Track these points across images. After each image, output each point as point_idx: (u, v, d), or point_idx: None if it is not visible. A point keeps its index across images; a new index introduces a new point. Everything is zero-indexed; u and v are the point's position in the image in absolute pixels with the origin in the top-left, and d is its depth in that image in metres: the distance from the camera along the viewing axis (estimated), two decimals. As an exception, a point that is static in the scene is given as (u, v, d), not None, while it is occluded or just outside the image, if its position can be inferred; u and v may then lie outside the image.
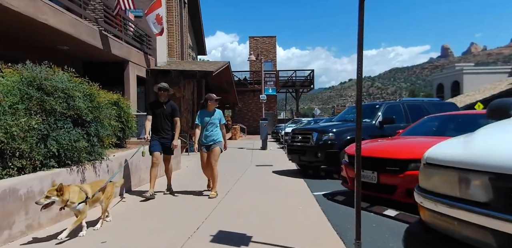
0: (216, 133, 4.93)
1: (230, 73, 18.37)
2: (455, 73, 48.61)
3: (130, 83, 10.14)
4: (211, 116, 4.92)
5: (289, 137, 7.30)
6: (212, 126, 4.91)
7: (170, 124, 5.07)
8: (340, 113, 8.41)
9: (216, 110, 5.04)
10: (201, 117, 4.94)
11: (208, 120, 4.88)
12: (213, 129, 4.91)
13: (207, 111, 4.96)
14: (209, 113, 4.96)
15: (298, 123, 19.13)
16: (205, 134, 4.91)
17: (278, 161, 9.98)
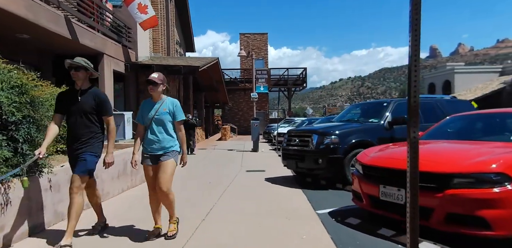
0: (167, 137, 3.11)
1: (219, 70, 17.35)
2: (446, 72, 48.45)
3: (105, 79, 9.05)
4: (158, 109, 3.11)
5: (284, 140, 6.36)
6: (160, 125, 3.10)
7: (93, 127, 3.02)
8: (341, 111, 7.43)
9: (167, 99, 3.21)
10: (142, 111, 3.20)
11: (151, 115, 3.09)
12: (161, 131, 3.10)
13: (151, 102, 3.20)
14: (154, 104, 3.15)
15: (291, 123, 18.24)
16: (149, 139, 3.10)
17: (270, 165, 9.02)
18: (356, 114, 6.64)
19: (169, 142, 3.12)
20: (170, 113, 3.15)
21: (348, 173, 5.26)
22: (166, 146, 3.10)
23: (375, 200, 3.21)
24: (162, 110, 3.11)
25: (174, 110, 3.16)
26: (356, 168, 3.72)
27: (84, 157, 2.94)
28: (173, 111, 3.16)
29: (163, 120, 3.10)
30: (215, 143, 18.19)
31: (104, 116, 3.10)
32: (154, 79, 3.10)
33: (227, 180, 6.44)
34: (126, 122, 7.46)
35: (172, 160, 3.13)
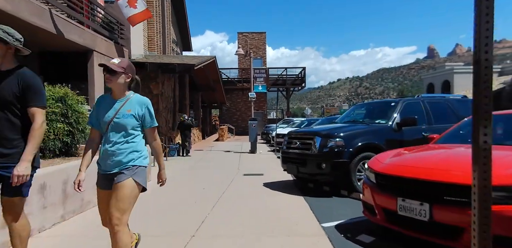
0: (127, 148, 2.21)
1: (216, 69, 16.91)
2: (445, 72, 48.36)
3: (95, 77, 8.57)
4: (118, 109, 2.21)
5: (284, 142, 5.91)
6: (119, 132, 2.21)
7: (15, 123, 2.10)
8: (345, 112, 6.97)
9: (134, 97, 2.30)
10: (98, 110, 2.29)
11: (108, 118, 2.20)
12: (120, 140, 2.21)
13: (110, 98, 2.29)
14: (114, 102, 2.25)
15: (290, 124, 17.82)
16: (102, 151, 2.24)
17: (269, 168, 8.58)
18: (361, 114, 6.21)
19: (129, 155, 2.18)
20: (137, 116, 2.22)
21: (354, 178, 4.83)
22: (123, 160, 2.17)
23: (391, 215, 2.77)
24: (124, 111, 2.19)
25: (143, 113, 2.26)
26: (366, 175, 3.28)
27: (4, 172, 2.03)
28: (142, 114, 2.25)
29: (124, 125, 2.18)
30: (212, 144, 17.74)
31: (29, 107, 2.06)
32: (112, 66, 2.15)
33: (223, 186, 5.99)
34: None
35: (130, 181, 2.13)
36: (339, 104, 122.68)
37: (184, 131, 12.38)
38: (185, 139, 12.31)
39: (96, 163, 2.29)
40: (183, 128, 12.40)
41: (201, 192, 5.50)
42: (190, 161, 10.37)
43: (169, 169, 8.06)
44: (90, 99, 8.56)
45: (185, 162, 10.13)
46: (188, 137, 12.38)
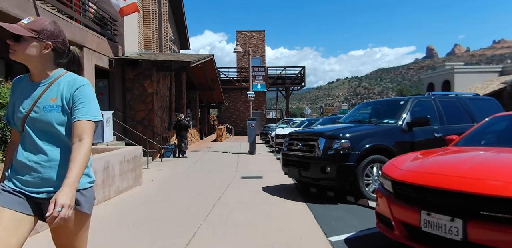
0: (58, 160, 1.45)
1: (214, 67, 16.48)
2: (445, 72, 47.91)
3: (86, 74, 8.13)
4: (38, 97, 1.47)
5: (285, 144, 5.50)
6: (44, 133, 1.46)
7: None
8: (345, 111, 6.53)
9: (64, 77, 1.51)
10: (13, 99, 1.54)
11: (24, 112, 1.46)
12: (47, 144, 1.45)
13: (28, 81, 1.53)
14: (34, 87, 1.50)
15: (290, 124, 17.41)
16: (17, 160, 1.46)
17: (268, 170, 8.17)
18: (367, 114, 5.80)
19: (62, 171, 1.40)
20: (65, 105, 1.45)
21: (361, 184, 4.42)
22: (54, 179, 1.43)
23: (413, 231, 2.36)
24: (46, 100, 1.46)
25: (73, 99, 1.45)
26: (380, 182, 2.87)
27: None
28: (72, 101, 1.45)
29: (47, 122, 1.44)
30: (210, 145, 17.31)
31: None
32: (13, 28, 1.39)
33: (219, 191, 5.57)
34: (105, 122, 6.57)
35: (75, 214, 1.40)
36: (338, 104, 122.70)
37: (181, 132, 11.96)
38: (181, 140, 11.90)
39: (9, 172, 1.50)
40: (179, 128, 11.98)
41: (195, 197, 5.07)
42: (186, 162, 9.95)
43: (163, 171, 7.61)
44: (80, 98, 8.13)
45: (180, 163, 9.71)
46: (185, 137, 11.97)
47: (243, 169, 8.52)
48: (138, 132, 10.45)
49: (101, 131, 6.51)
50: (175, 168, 8.85)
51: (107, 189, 4.73)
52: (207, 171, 8.16)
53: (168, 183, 6.51)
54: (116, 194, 5.03)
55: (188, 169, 8.64)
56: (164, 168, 8.85)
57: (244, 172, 7.87)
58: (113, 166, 4.91)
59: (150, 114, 10.63)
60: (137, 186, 5.92)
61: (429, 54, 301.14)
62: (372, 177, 4.53)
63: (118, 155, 5.13)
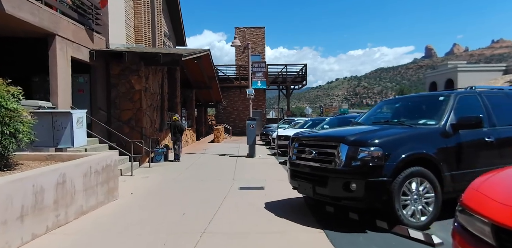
0: None
1: (211, 64, 15.36)
2: (448, 71, 46.91)
3: (59, 68, 7.03)
4: None
5: (292, 150, 4.39)
6: None
7: None
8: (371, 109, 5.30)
9: None
10: None
11: None
12: None
13: None
14: None
15: (292, 124, 16.32)
16: None
17: (271, 177, 7.08)
18: (394, 112, 4.70)
19: None
20: None
21: (398, 205, 3.33)
22: None
23: None
24: None
25: None
26: (460, 222, 1.78)
27: None
28: None
29: None
30: (207, 146, 16.20)
31: None
32: None
33: (211, 209, 4.47)
34: (75, 123, 5.46)
35: None
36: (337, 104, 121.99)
37: (176, 133, 10.87)
38: (175, 142, 10.82)
39: None
40: (174, 130, 10.89)
41: (179, 221, 3.97)
42: (178, 168, 8.85)
43: (149, 180, 6.45)
44: (52, 95, 7.02)
45: (171, 169, 8.61)
46: (179, 140, 10.89)
47: (242, 176, 7.43)
48: (124, 134, 9.34)
49: (70, 134, 5.41)
50: (164, 175, 7.75)
51: (63, 211, 3.62)
52: (200, 179, 7.07)
53: (150, 196, 5.41)
54: (78, 215, 3.93)
55: (178, 176, 7.54)
56: (151, 175, 7.75)
57: (243, 180, 6.78)
58: (73, 180, 3.81)
59: (138, 114, 9.52)
60: (111, 201, 4.81)
61: (428, 54, 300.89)
62: (410, 196, 3.44)
63: (81, 165, 4.03)
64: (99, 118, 8.95)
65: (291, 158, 4.41)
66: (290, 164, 4.36)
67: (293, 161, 4.29)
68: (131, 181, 6.87)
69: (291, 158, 4.39)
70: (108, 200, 4.75)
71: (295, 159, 4.26)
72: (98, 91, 8.95)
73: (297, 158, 4.22)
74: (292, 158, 4.34)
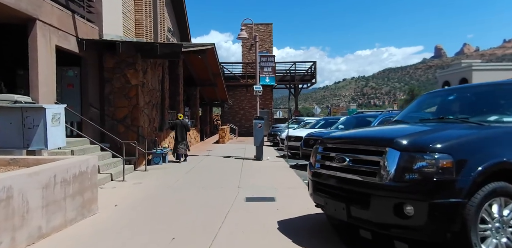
0: None
1: (216, 60, 14.41)
2: (463, 69, 45.29)
3: (40, 57, 6.13)
4: None
5: (315, 155, 3.38)
6: None
7: None
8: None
9: None
10: None
11: None
12: None
13: None
14: None
15: (301, 123, 15.29)
16: None
17: (282, 185, 6.08)
18: (446, 107, 3.65)
19: None
20: None
21: (475, 238, 2.30)
22: None
23: None
24: None
25: None
26: None
27: None
28: None
29: None
30: (211, 147, 15.26)
31: None
32: None
33: (209, 230, 3.48)
34: (49, 121, 4.53)
35: None
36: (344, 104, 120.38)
37: (183, 132, 9.96)
38: (181, 142, 9.92)
39: None
40: (182, 129, 9.98)
41: (166, 247, 3.00)
42: (176, 172, 7.89)
43: (141, 187, 5.44)
44: (32, 88, 6.12)
45: (169, 173, 7.66)
46: (185, 139, 10.00)
47: (249, 182, 6.44)
48: (119, 133, 8.44)
49: (43, 133, 4.49)
50: (159, 180, 6.81)
51: (7, 237, 2.67)
52: (200, 187, 6.10)
53: (138, 210, 4.45)
54: (33, 240, 2.98)
55: (176, 182, 6.58)
56: (146, 180, 6.81)
57: (250, 188, 5.79)
58: (25, 194, 2.86)
59: (134, 112, 8.60)
60: (86, 218, 3.86)
61: (437, 54, 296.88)
62: (491, 225, 2.41)
63: (40, 174, 3.08)
64: (90, 116, 8.06)
65: (313, 165, 3.40)
66: (312, 174, 3.35)
67: (316, 170, 3.27)
68: (120, 188, 5.93)
69: (313, 166, 3.38)
70: (83, 216, 3.80)
71: (319, 168, 3.25)
72: (89, 86, 8.05)
73: (322, 166, 3.21)
74: (315, 166, 3.33)
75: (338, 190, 2.91)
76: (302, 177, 7.05)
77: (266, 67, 12.93)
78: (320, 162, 3.27)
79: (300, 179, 6.89)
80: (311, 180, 3.40)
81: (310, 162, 3.63)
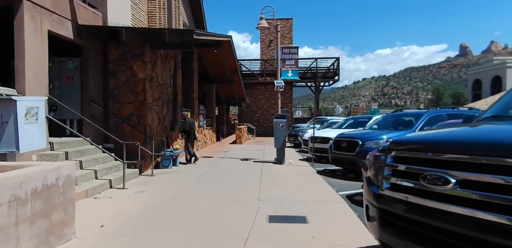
0: None
1: (233, 54, 13.36)
2: (495, 67, 42.47)
3: (28, 43, 5.23)
4: None
5: (378, 170, 2.22)
6: None
7: None
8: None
9: None
10: None
11: None
12: None
13: None
14: None
15: (325, 124, 14.02)
16: None
17: (311, 197, 4.90)
18: None
19: None
20: None
21: None
22: None
23: None
24: None
25: None
26: None
27: None
28: None
29: None
30: (227, 148, 14.23)
31: None
32: None
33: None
34: (21, 116, 3.57)
35: None
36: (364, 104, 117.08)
37: (190, 132, 9.05)
38: (189, 142, 9.02)
39: None
40: (190, 127, 9.06)
41: None
42: (186, 177, 6.86)
43: (142, 196, 4.26)
44: (17, 79, 5.21)
45: (177, 179, 6.63)
46: (191, 139, 9.06)
47: (270, 192, 5.31)
48: (124, 133, 7.52)
49: (14, 132, 3.52)
50: (166, 188, 5.78)
51: None
52: (213, 198, 5.02)
53: (128, 235, 3.39)
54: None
55: (184, 191, 5.53)
56: (150, 187, 5.80)
57: (273, 202, 4.65)
58: None
59: (141, 108, 7.65)
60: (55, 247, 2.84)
61: (462, 52, 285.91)
62: None
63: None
64: (92, 113, 7.16)
65: (374, 183, 2.24)
66: (376, 198, 2.17)
67: (386, 192, 2.09)
68: (117, 199, 4.94)
69: (375, 184, 2.21)
70: (49, 245, 2.78)
71: (390, 189, 2.07)
72: (90, 79, 7.15)
73: (397, 188, 2.03)
74: (381, 185, 2.16)
75: (443, 233, 1.72)
76: (334, 187, 5.86)
77: (289, 60, 11.76)
78: (391, 180, 2.10)
79: (332, 189, 5.70)
80: (374, 206, 2.23)
81: (368, 177, 2.47)
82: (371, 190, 2.30)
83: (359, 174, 6.87)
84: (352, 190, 5.77)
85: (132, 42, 7.38)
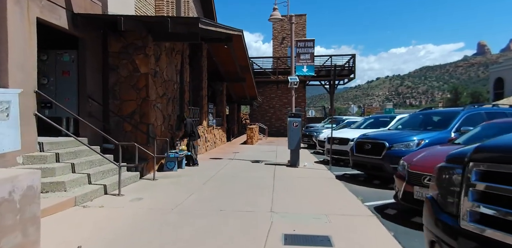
0: None
1: (244, 50, 12.65)
2: (519, 65, 40.38)
3: (11, 31, 4.64)
4: None
5: (449, 189, 1.46)
6: None
7: None
8: None
9: None
10: None
11: None
12: None
13: None
14: None
15: (341, 123, 13.16)
16: None
17: (334, 210, 4.11)
18: None
19: None
20: None
21: None
22: None
23: None
24: None
25: None
26: None
27: None
28: None
29: None
30: (238, 149, 13.54)
31: None
32: None
33: None
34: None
35: None
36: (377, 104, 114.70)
37: (192, 132, 8.41)
38: (191, 143, 8.39)
39: None
40: (192, 127, 8.43)
41: None
42: (191, 182, 6.18)
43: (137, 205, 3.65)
44: (1, 72, 4.63)
45: (181, 184, 5.95)
46: (193, 140, 8.43)
47: (285, 202, 4.56)
48: (126, 132, 6.93)
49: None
50: (166, 195, 5.11)
51: None
52: (218, 209, 4.31)
53: None
54: None
55: (187, 199, 4.85)
56: (149, 194, 5.15)
57: (288, 215, 3.91)
58: None
59: (143, 106, 7.03)
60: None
61: (480, 51, 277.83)
62: None
63: None
64: (90, 111, 6.57)
65: (455, 213, 1.48)
66: (455, 237, 1.41)
67: (473, 228, 1.34)
68: (109, 208, 4.29)
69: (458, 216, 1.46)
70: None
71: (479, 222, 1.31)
72: (88, 73, 6.55)
73: (492, 222, 1.27)
74: (466, 216, 1.40)
75: None
76: (359, 196, 5.07)
77: (304, 55, 10.98)
78: (481, 209, 1.34)
79: (357, 199, 4.92)
80: (449, 246, 1.47)
81: (431, 197, 1.72)
82: (441, 220, 1.55)
83: (386, 181, 6.04)
84: (380, 200, 4.98)
85: (133, 33, 6.76)
